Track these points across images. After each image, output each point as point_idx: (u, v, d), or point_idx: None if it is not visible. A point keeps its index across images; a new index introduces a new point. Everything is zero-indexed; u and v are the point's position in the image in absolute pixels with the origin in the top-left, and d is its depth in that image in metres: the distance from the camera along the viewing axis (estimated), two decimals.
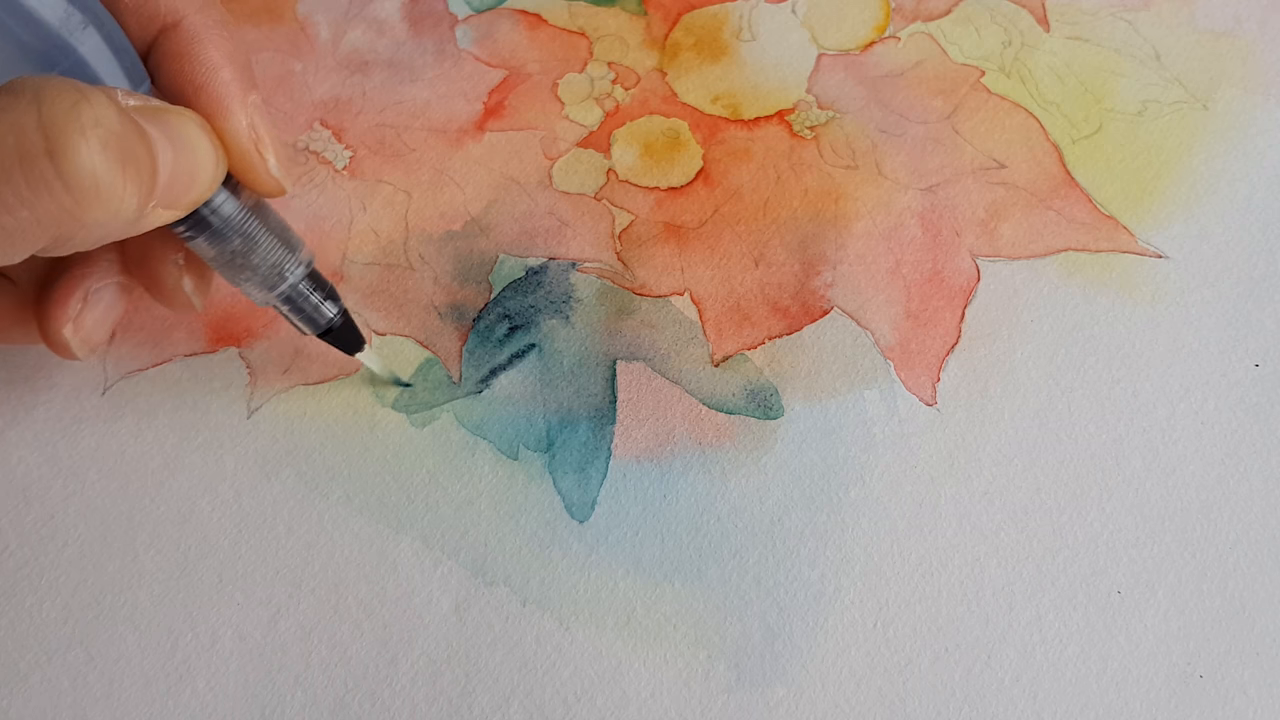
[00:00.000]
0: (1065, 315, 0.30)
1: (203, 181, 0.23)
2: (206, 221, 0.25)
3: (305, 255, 0.26)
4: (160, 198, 0.22)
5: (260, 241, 0.25)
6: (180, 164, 0.22)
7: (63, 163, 0.19)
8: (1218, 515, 0.28)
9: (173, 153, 0.22)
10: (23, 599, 0.27)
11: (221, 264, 0.26)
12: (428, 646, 0.26)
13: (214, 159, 0.23)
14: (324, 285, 0.27)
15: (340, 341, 0.28)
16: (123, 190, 0.21)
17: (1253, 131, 0.33)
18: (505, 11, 0.36)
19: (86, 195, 0.20)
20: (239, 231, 0.25)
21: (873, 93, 0.34)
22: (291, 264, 0.26)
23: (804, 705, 0.25)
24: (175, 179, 0.22)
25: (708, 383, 0.30)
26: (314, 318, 0.27)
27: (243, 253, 0.25)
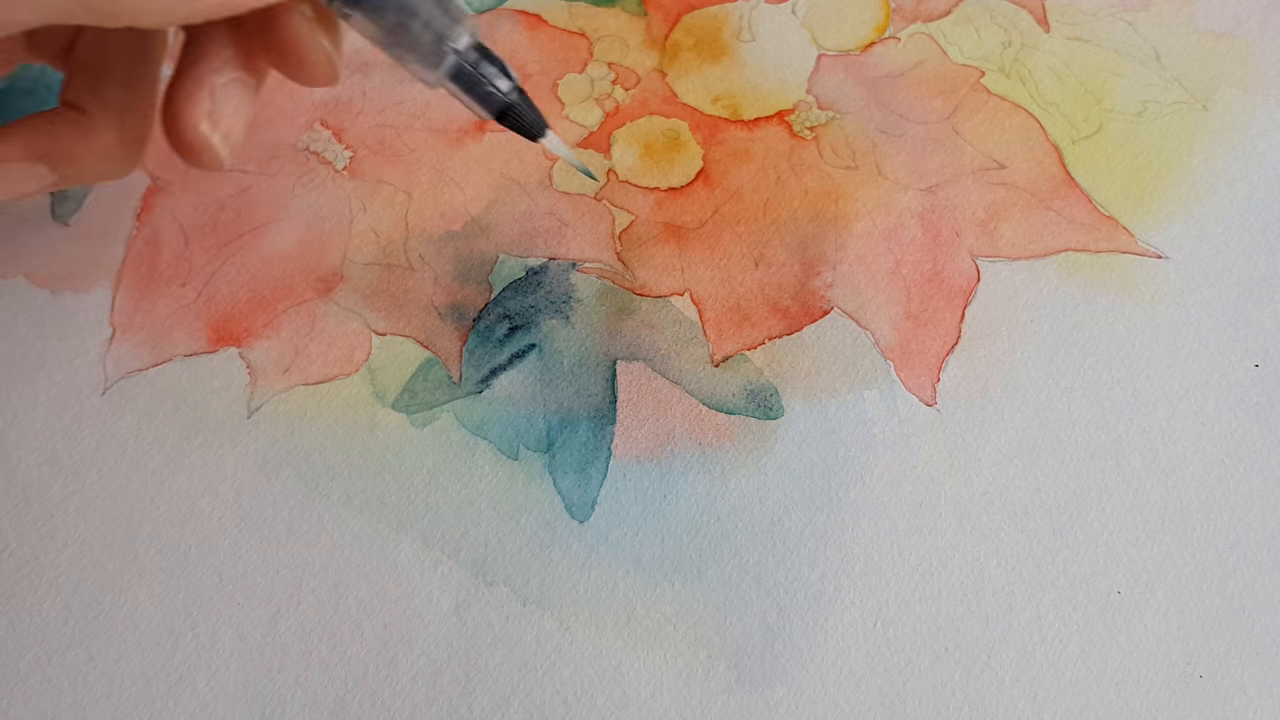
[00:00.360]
0: (1065, 315, 0.30)
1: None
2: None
3: (471, 24, 0.24)
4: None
5: (419, 11, 0.24)
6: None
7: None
8: (1218, 515, 0.28)
9: None
10: (23, 599, 0.27)
11: (383, 40, 0.24)
12: (428, 646, 0.26)
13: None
14: (494, 59, 0.25)
15: (520, 125, 0.26)
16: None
17: (1253, 132, 0.33)
18: (505, 12, 0.36)
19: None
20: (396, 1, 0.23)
21: (873, 93, 0.34)
22: (455, 34, 0.24)
23: (804, 705, 0.25)
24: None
25: (708, 383, 0.30)
26: (488, 98, 0.25)
27: (402, 26, 0.23)
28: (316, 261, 0.31)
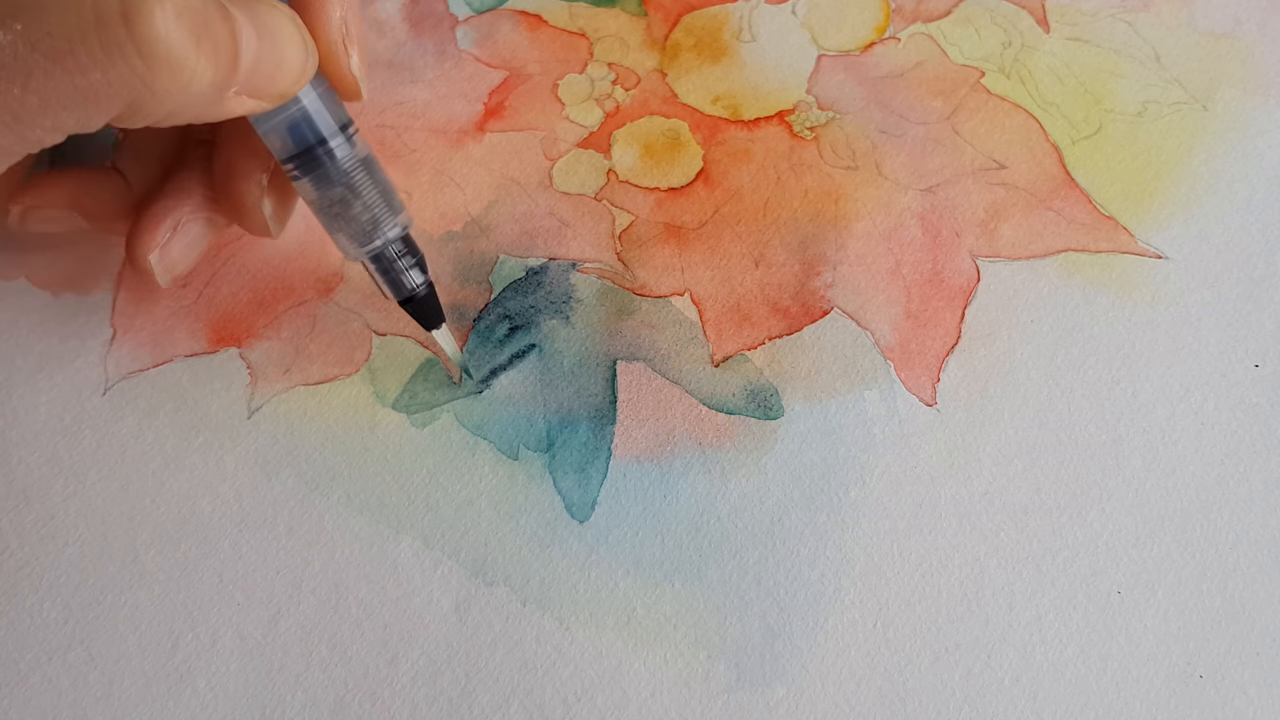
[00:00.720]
0: (1065, 315, 0.30)
1: (289, 72, 0.24)
2: (316, 162, 0.25)
3: (403, 220, 0.27)
4: (243, 84, 0.23)
5: (363, 194, 0.26)
6: (265, 52, 0.23)
7: (137, 28, 0.20)
8: (1218, 515, 0.28)
9: (258, 40, 0.22)
10: (23, 599, 0.27)
11: (321, 209, 0.26)
12: (428, 646, 0.26)
13: (302, 52, 0.24)
14: (415, 253, 0.27)
15: (419, 313, 0.28)
16: (195, 62, 0.21)
17: (1253, 132, 0.33)
18: (506, 12, 0.36)
19: (158, 62, 0.20)
20: (345, 180, 0.26)
21: (873, 93, 0.34)
22: (389, 224, 0.26)
23: (804, 705, 0.25)
24: (259, 66, 0.23)
25: (708, 383, 0.30)
26: (399, 283, 0.27)
27: (344, 202, 0.26)
28: (317, 262, 0.31)
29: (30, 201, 0.27)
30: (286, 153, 0.25)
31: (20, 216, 0.28)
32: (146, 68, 0.20)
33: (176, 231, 0.27)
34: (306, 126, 0.25)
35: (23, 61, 0.20)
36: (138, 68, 0.20)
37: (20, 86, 0.20)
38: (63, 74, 0.20)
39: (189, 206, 0.27)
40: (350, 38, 0.25)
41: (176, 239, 0.27)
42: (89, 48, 0.20)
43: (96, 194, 0.28)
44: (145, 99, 0.21)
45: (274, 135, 0.25)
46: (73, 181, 0.28)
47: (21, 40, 0.20)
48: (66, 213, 0.28)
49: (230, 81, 0.22)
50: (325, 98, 0.25)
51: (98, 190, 0.28)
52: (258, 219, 0.27)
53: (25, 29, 0.20)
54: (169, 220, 0.27)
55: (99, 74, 0.20)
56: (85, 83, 0.20)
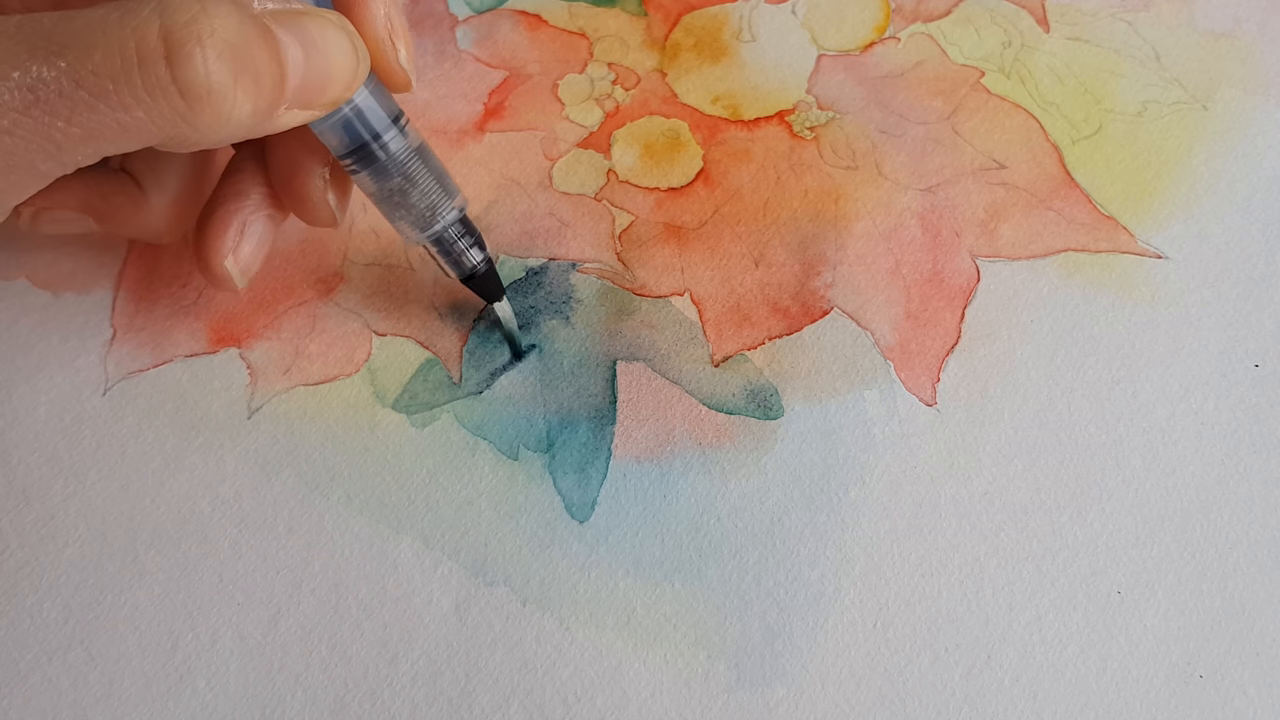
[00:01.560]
0: (1065, 315, 0.30)
1: (340, 82, 0.24)
2: (373, 156, 0.26)
3: (460, 201, 0.28)
4: (293, 99, 0.23)
5: (420, 182, 0.27)
6: (314, 65, 0.23)
7: (178, 70, 0.21)
8: (1218, 515, 0.28)
9: (305, 55, 0.23)
10: (23, 599, 0.27)
11: (380, 200, 0.27)
12: (428, 646, 0.26)
13: (352, 60, 0.24)
14: (473, 232, 0.28)
15: (481, 289, 0.29)
16: (234, 98, 0.22)
17: (1253, 132, 0.33)
18: (505, 12, 0.36)
19: (199, 101, 0.21)
20: (401, 170, 0.26)
21: (873, 93, 0.34)
22: (446, 207, 0.27)
23: (804, 705, 0.25)
24: (308, 81, 0.23)
25: (708, 383, 0.30)
26: (460, 262, 0.28)
27: (402, 191, 0.27)
28: (317, 262, 0.32)
29: (42, 203, 0.28)
30: (343, 149, 0.26)
31: (31, 218, 0.28)
32: (188, 107, 0.21)
33: (244, 233, 0.27)
34: (360, 123, 0.26)
35: (67, 97, 0.20)
36: (179, 106, 0.21)
37: (64, 120, 0.20)
38: (106, 110, 0.21)
39: (250, 206, 0.28)
40: (395, 32, 0.26)
41: (245, 240, 0.27)
42: (132, 87, 0.20)
43: (108, 196, 0.28)
44: (186, 134, 0.22)
45: (330, 133, 0.26)
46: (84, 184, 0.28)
47: (66, 77, 0.20)
48: (78, 215, 0.28)
49: (278, 104, 0.23)
50: (376, 93, 0.26)
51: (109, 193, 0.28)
52: (325, 211, 0.28)
53: (70, 66, 0.20)
54: (235, 223, 0.27)
55: (141, 112, 0.21)
56: (128, 119, 0.21)
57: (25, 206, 0.28)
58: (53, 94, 0.20)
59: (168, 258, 0.32)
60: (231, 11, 0.21)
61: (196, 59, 0.21)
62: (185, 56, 0.21)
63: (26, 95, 0.20)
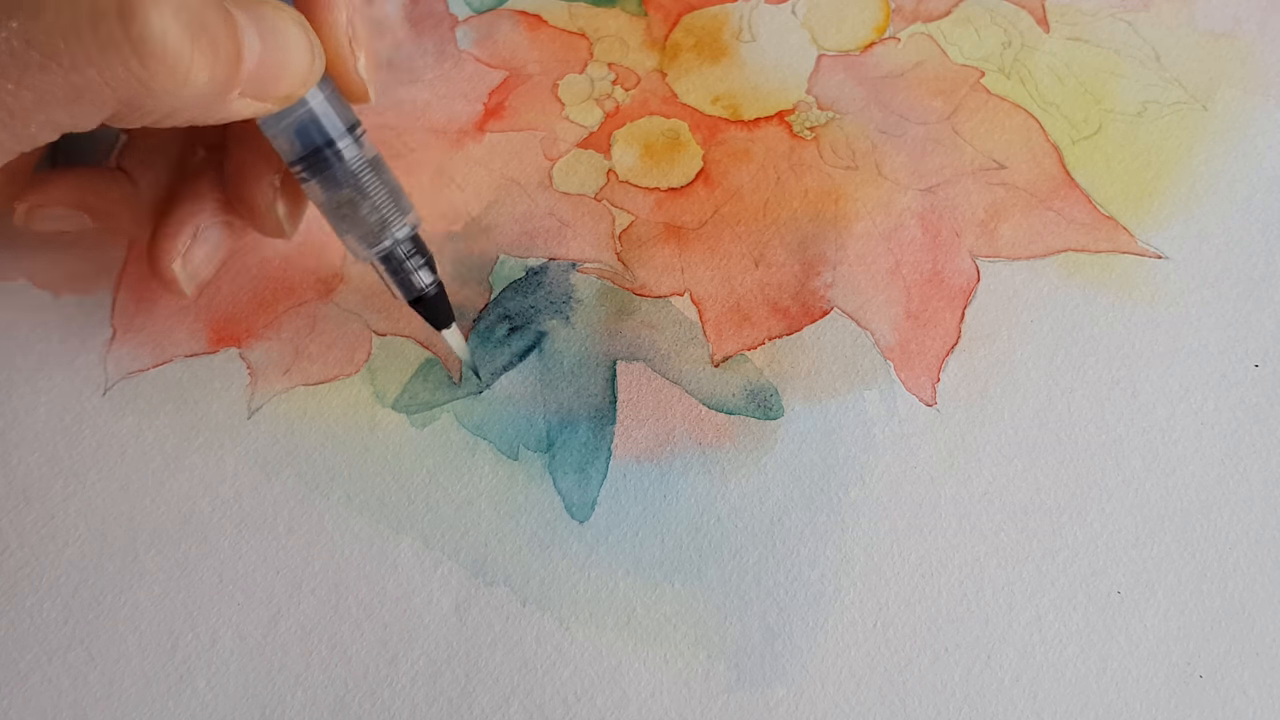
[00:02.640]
0: (1065, 315, 0.30)
1: (294, 75, 0.23)
2: (323, 164, 0.25)
3: (411, 219, 0.27)
4: (246, 86, 0.22)
5: (371, 195, 0.26)
6: (270, 54, 0.23)
7: (131, 25, 0.20)
8: (1218, 515, 0.28)
9: (261, 42, 0.22)
10: (23, 599, 0.27)
11: (330, 210, 0.26)
12: (428, 646, 0.26)
13: (308, 55, 0.24)
14: (424, 253, 0.27)
15: (429, 313, 0.28)
16: (191, 61, 0.21)
17: (1253, 132, 0.33)
18: (505, 12, 0.36)
19: (154, 60, 0.20)
20: (353, 181, 0.26)
21: (873, 93, 0.34)
22: (397, 224, 0.26)
23: (804, 705, 0.25)
24: (263, 68, 0.23)
25: (708, 383, 0.30)
26: (408, 283, 0.27)
27: (352, 203, 0.26)
28: (317, 262, 0.31)
29: (36, 199, 0.27)
30: (294, 155, 0.25)
31: (25, 214, 0.28)
32: (142, 65, 0.20)
33: (197, 238, 0.27)
34: (314, 128, 0.25)
35: (18, 58, 0.19)
36: (133, 65, 0.20)
37: (14, 82, 0.20)
38: (58, 70, 0.20)
39: (207, 212, 0.27)
40: (356, 40, 0.25)
41: (197, 245, 0.27)
42: (84, 45, 0.20)
43: (103, 193, 0.28)
44: (141, 97, 0.21)
45: (281, 137, 0.25)
46: (78, 180, 0.28)
47: (16, 37, 0.19)
48: (72, 211, 0.28)
49: (232, 83, 0.22)
50: (332, 100, 0.25)
51: (104, 189, 0.28)
52: (271, 221, 0.27)
53: (21, 26, 0.19)
54: (189, 227, 0.27)
55: (94, 71, 0.20)
56: (81, 80, 0.20)
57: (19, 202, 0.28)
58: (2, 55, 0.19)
59: None
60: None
61: (152, 15, 0.20)
62: (140, 11, 0.20)
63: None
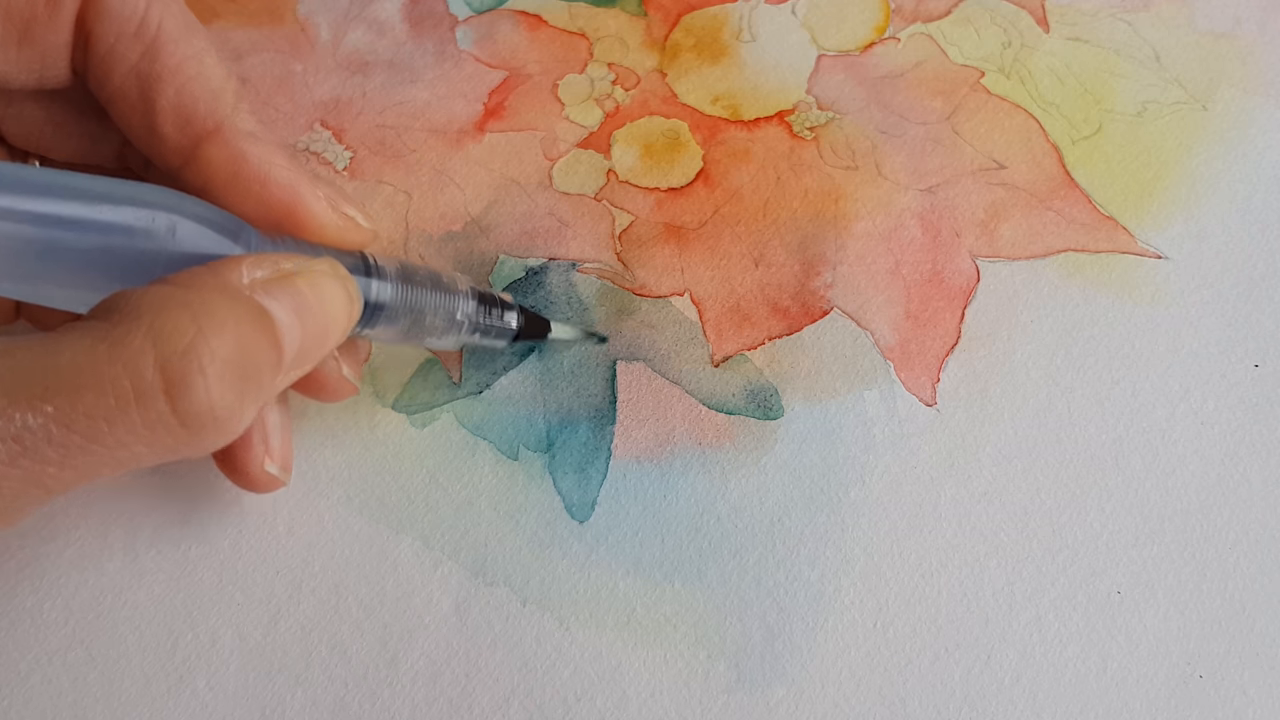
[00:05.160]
0: (1065, 315, 0.30)
1: (338, 332, 0.23)
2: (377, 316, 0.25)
3: (464, 286, 0.27)
4: (290, 367, 0.22)
5: (426, 303, 0.25)
6: (310, 329, 0.22)
7: (179, 402, 0.19)
8: (1218, 515, 0.28)
9: (300, 324, 0.21)
10: (23, 599, 0.27)
11: (402, 339, 0.26)
12: (428, 646, 0.26)
13: (347, 305, 0.23)
14: (493, 300, 0.27)
15: (530, 336, 0.28)
16: (240, 412, 0.20)
17: (1253, 132, 0.33)
18: (505, 12, 0.36)
19: (205, 428, 0.20)
20: (406, 309, 0.25)
21: (873, 93, 0.34)
22: (461, 304, 0.26)
23: (804, 705, 0.25)
24: (306, 346, 0.22)
25: (708, 383, 0.30)
26: (504, 333, 0.28)
27: (416, 323, 0.25)
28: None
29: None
30: None
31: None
32: (192, 435, 0.20)
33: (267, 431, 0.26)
34: None
35: (57, 444, 0.18)
36: (182, 436, 0.19)
37: (56, 465, 0.18)
38: (102, 450, 0.19)
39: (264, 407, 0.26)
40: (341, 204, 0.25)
41: (271, 437, 0.26)
42: (130, 425, 0.19)
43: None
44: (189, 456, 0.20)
45: None
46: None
47: (55, 423, 0.18)
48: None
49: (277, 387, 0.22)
50: None
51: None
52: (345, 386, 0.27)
53: (58, 411, 0.18)
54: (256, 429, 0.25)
55: (142, 447, 0.19)
56: (127, 455, 0.19)
57: None
58: (40, 441, 0.18)
59: None
60: (227, 320, 0.20)
61: (199, 389, 0.19)
62: (186, 388, 0.19)
63: (13, 447, 0.18)
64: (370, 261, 0.25)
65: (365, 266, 0.25)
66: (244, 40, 0.35)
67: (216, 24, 0.36)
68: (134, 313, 0.19)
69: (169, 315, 0.19)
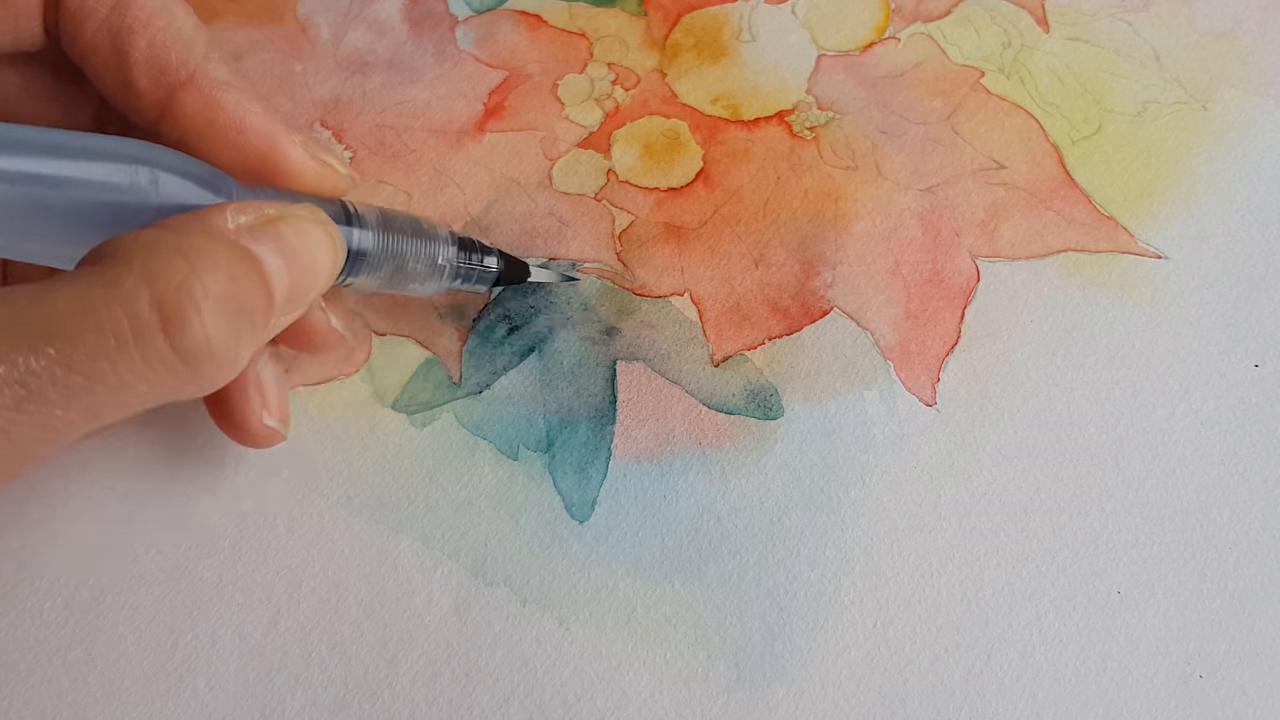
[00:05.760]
0: (1065, 315, 0.30)
1: (324, 276, 0.23)
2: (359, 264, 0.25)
3: (444, 232, 0.27)
4: (280, 311, 0.22)
5: (408, 250, 0.26)
6: (296, 273, 0.22)
7: (178, 339, 0.19)
8: (1218, 515, 0.28)
9: (287, 266, 0.22)
10: (23, 599, 0.27)
11: (386, 286, 0.26)
12: (428, 646, 0.26)
13: (331, 251, 0.23)
14: (473, 245, 0.27)
15: (510, 281, 0.29)
16: (236, 349, 0.21)
17: (1253, 132, 0.34)
18: (505, 12, 0.36)
19: (203, 364, 0.20)
20: (387, 256, 0.25)
21: (872, 93, 0.34)
22: (442, 250, 0.26)
23: (804, 705, 0.25)
24: (294, 289, 0.22)
25: (708, 383, 0.30)
26: (484, 278, 0.28)
27: (398, 269, 0.26)
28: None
29: None
30: None
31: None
32: (192, 372, 0.20)
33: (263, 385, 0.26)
34: None
35: (61, 385, 0.19)
36: (182, 373, 0.20)
37: (62, 408, 0.19)
38: (105, 390, 0.19)
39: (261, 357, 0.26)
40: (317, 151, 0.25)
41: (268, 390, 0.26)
42: (131, 363, 0.19)
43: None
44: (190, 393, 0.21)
45: None
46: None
47: (58, 365, 0.18)
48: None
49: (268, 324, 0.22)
50: None
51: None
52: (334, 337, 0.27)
53: (60, 353, 0.18)
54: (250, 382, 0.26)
55: (144, 386, 0.20)
56: (129, 395, 0.20)
57: None
58: (45, 384, 0.18)
59: None
60: (218, 258, 0.20)
61: (194, 325, 0.19)
62: (183, 324, 0.19)
63: (17, 390, 0.18)
64: (350, 210, 0.25)
65: (345, 215, 0.25)
66: (244, 40, 0.35)
67: (216, 24, 0.36)
68: (126, 256, 0.19)
69: (161, 257, 0.20)
